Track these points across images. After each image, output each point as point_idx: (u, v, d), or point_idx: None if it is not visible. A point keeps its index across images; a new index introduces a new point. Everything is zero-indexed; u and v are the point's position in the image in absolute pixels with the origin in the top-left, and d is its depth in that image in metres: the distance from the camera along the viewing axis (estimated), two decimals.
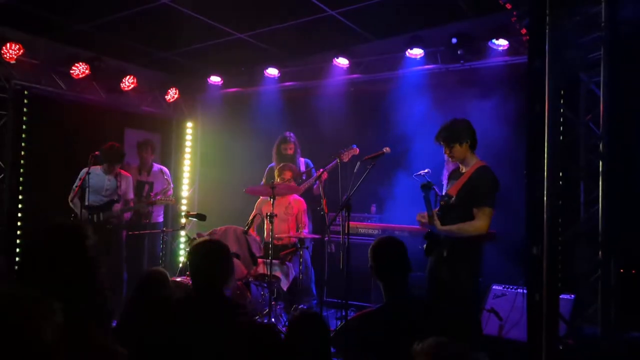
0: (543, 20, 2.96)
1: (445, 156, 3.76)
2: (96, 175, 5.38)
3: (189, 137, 7.96)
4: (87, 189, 5.19)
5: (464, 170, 3.62)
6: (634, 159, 3.89)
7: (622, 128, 3.68)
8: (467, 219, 3.43)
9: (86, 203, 5.24)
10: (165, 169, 6.48)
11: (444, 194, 3.66)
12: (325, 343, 2.36)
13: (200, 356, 2.19)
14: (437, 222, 3.44)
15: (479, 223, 3.40)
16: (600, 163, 3.26)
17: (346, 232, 4.04)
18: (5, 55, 5.43)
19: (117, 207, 5.42)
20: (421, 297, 2.66)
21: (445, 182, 3.81)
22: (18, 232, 5.85)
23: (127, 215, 5.53)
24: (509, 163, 4.90)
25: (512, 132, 4.86)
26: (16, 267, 5.63)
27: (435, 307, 2.61)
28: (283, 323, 4.85)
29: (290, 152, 5.81)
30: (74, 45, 6.26)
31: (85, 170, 5.21)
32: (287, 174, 5.19)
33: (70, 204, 5.43)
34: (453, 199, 3.49)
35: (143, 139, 6.60)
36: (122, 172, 5.66)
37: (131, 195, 5.66)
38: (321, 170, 5.21)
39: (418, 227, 4.06)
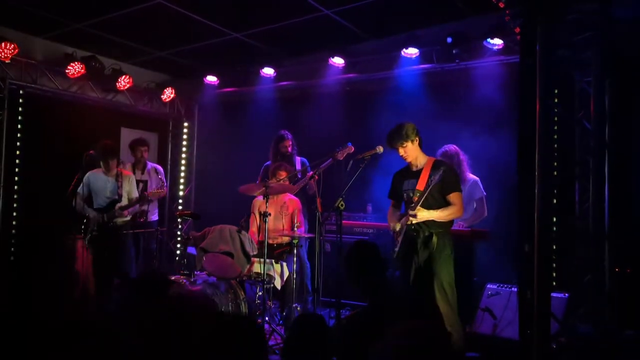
0: (535, 20, 2.97)
1: None
2: (97, 178, 5.37)
3: (185, 136, 7.96)
4: (87, 192, 5.28)
5: (419, 167, 3.90)
6: (630, 157, 3.90)
7: (619, 126, 3.68)
8: (441, 207, 3.75)
9: (95, 206, 5.31)
10: (159, 167, 6.48)
11: (411, 190, 3.88)
12: (325, 346, 2.34)
13: None
14: (424, 210, 3.68)
15: (457, 206, 3.77)
16: (591, 160, 3.26)
17: (340, 232, 4.03)
18: (0, 55, 5.42)
19: (119, 206, 5.40)
20: (405, 295, 2.65)
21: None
22: (13, 232, 5.85)
23: (126, 212, 5.50)
24: (502, 161, 4.91)
25: (507, 131, 4.86)
26: None
27: (420, 304, 2.60)
28: (277, 322, 4.85)
29: (288, 149, 5.81)
30: (70, 45, 6.27)
31: (86, 175, 5.33)
32: (282, 174, 5.19)
33: (77, 208, 5.36)
34: (421, 193, 3.73)
35: (137, 137, 6.59)
36: (124, 171, 5.62)
37: (136, 194, 5.58)
38: (314, 171, 5.21)
39: None
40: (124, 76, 6.55)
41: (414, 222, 3.74)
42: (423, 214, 3.69)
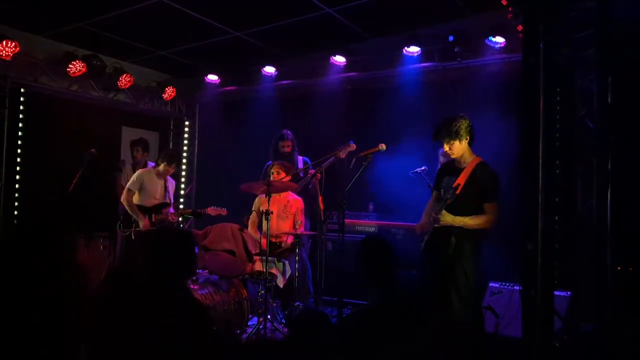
0: (537, 17, 2.95)
1: (442, 150, 3.78)
2: (152, 179, 5.44)
3: (186, 135, 7.97)
4: (137, 190, 5.35)
5: (462, 166, 3.66)
6: (633, 156, 3.89)
7: (622, 125, 3.68)
8: (473, 214, 3.50)
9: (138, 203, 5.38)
10: None
11: (447, 189, 3.67)
12: (326, 343, 2.33)
13: None
14: (449, 215, 3.49)
15: (490, 216, 3.50)
16: (594, 158, 3.25)
17: (342, 230, 4.03)
18: (1, 53, 5.42)
19: (167, 210, 5.45)
20: (411, 297, 2.63)
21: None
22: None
23: (175, 218, 5.55)
24: (505, 159, 4.89)
25: (508, 129, 4.85)
26: None
27: (427, 308, 2.59)
28: (279, 320, 4.85)
29: (287, 150, 5.80)
30: (71, 43, 6.26)
31: (140, 172, 5.41)
32: (276, 168, 5.20)
33: (126, 205, 5.34)
34: (456, 195, 3.52)
35: (136, 137, 6.60)
36: (169, 178, 5.67)
37: (172, 199, 5.65)
38: (316, 169, 5.21)
39: (414, 224, 4.06)
40: (125, 75, 6.55)
41: (435, 225, 3.60)
42: (447, 219, 3.50)
